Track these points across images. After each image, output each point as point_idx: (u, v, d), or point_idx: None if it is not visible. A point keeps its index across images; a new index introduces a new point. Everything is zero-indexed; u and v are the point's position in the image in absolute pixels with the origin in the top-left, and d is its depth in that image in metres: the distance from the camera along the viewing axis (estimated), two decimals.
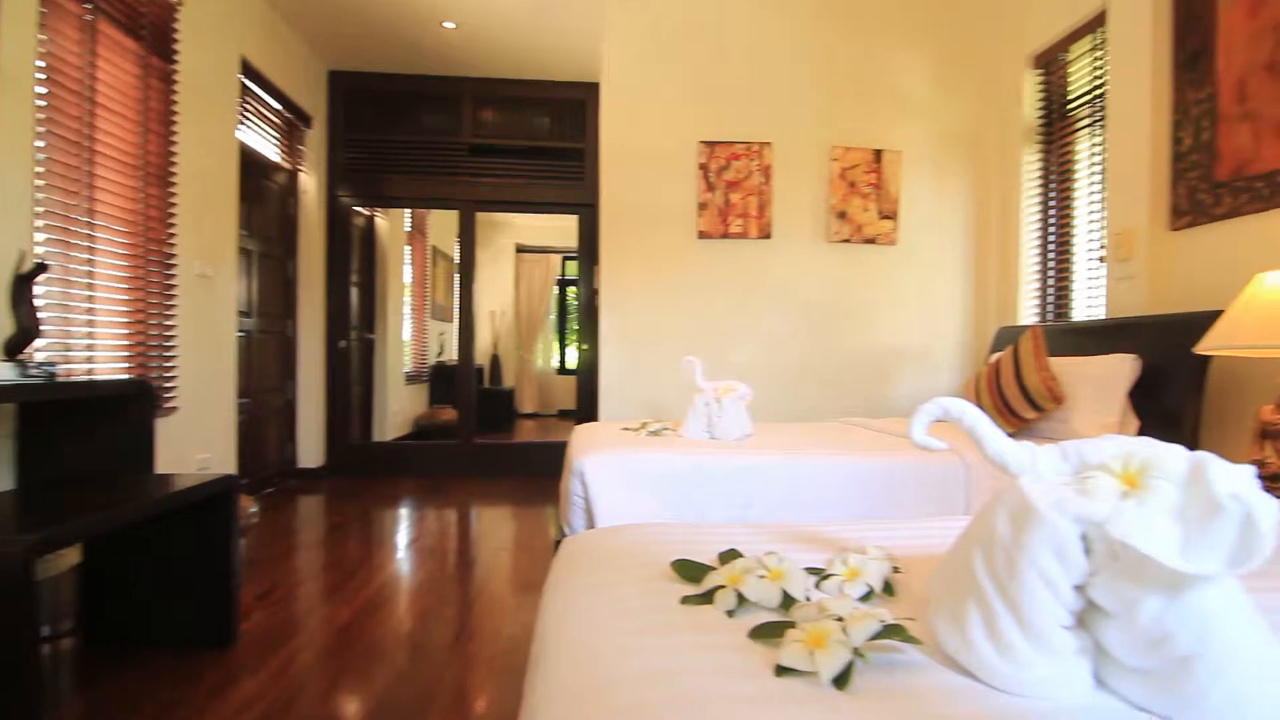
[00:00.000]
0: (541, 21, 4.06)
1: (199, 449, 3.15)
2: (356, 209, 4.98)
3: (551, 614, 0.96)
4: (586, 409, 4.78)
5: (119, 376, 2.58)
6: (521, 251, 8.25)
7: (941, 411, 0.83)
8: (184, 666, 1.83)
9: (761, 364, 3.83)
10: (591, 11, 3.90)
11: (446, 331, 7.37)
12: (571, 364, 8.51)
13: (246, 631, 2.07)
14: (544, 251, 8.21)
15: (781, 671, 0.69)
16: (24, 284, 2.00)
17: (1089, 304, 3.20)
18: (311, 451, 4.61)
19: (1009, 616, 0.67)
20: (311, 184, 4.54)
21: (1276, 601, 0.87)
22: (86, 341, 2.45)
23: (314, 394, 4.62)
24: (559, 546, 1.30)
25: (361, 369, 5.26)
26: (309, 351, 4.59)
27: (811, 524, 1.33)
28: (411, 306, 6.51)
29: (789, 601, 0.86)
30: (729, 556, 0.99)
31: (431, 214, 6.84)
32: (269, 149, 4.08)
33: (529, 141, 4.90)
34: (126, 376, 2.61)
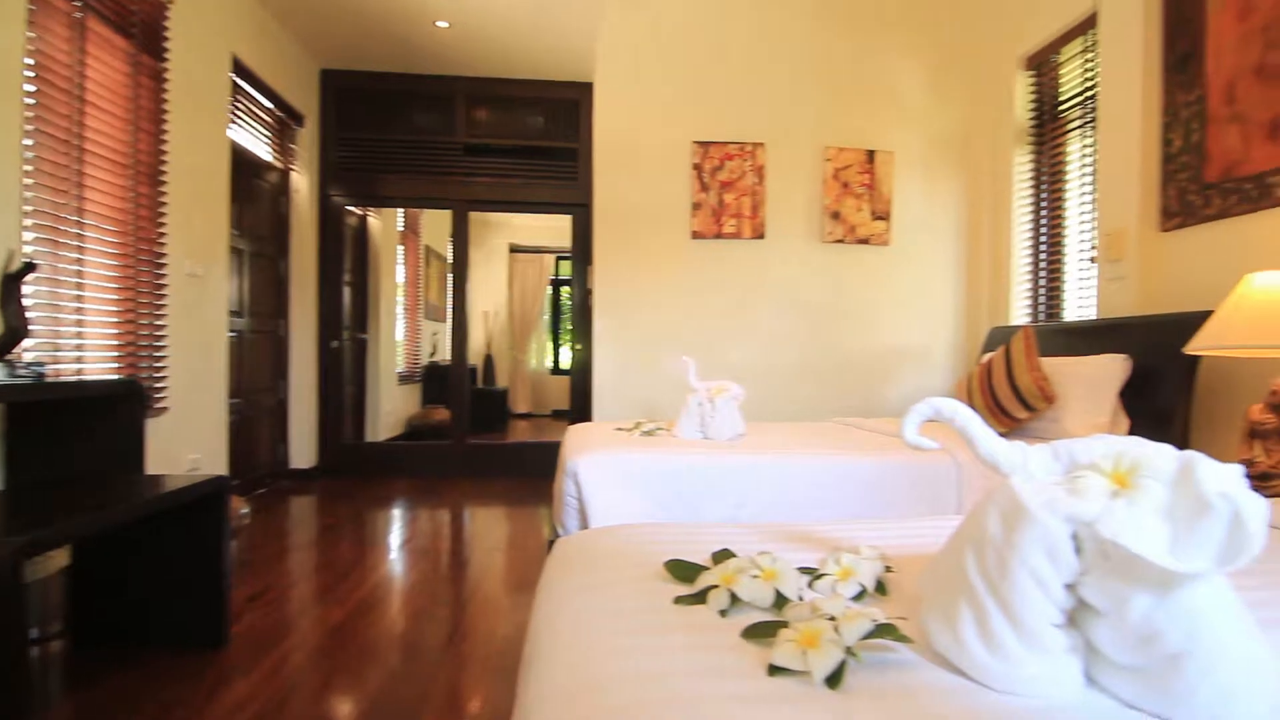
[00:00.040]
0: (535, 21, 4.05)
1: (190, 450, 3.13)
2: (349, 208, 4.96)
3: (544, 614, 0.96)
4: (580, 409, 4.77)
5: (108, 377, 2.56)
6: (515, 251, 8.24)
7: (933, 411, 0.84)
8: (175, 668, 1.82)
9: (755, 364, 3.84)
10: (586, 11, 3.89)
11: (440, 331, 7.35)
12: (565, 364, 8.51)
13: (238, 633, 2.06)
14: (538, 251, 8.20)
15: (774, 671, 0.69)
16: (12, 283, 1.98)
17: (1080, 304, 3.23)
18: (304, 452, 4.59)
19: (1000, 615, 0.67)
20: (304, 183, 4.52)
21: (1264, 598, 0.88)
22: (76, 341, 2.43)
23: (306, 394, 4.60)
24: (552, 547, 1.30)
25: (354, 369, 5.24)
26: (301, 351, 4.57)
27: (804, 523, 1.34)
28: (404, 306, 6.49)
29: (782, 601, 0.86)
30: (722, 556, 1.00)
31: (425, 213, 6.82)
32: (261, 148, 4.06)
33: (523, 141, 4.89)
34: (116, 377, 2.59)
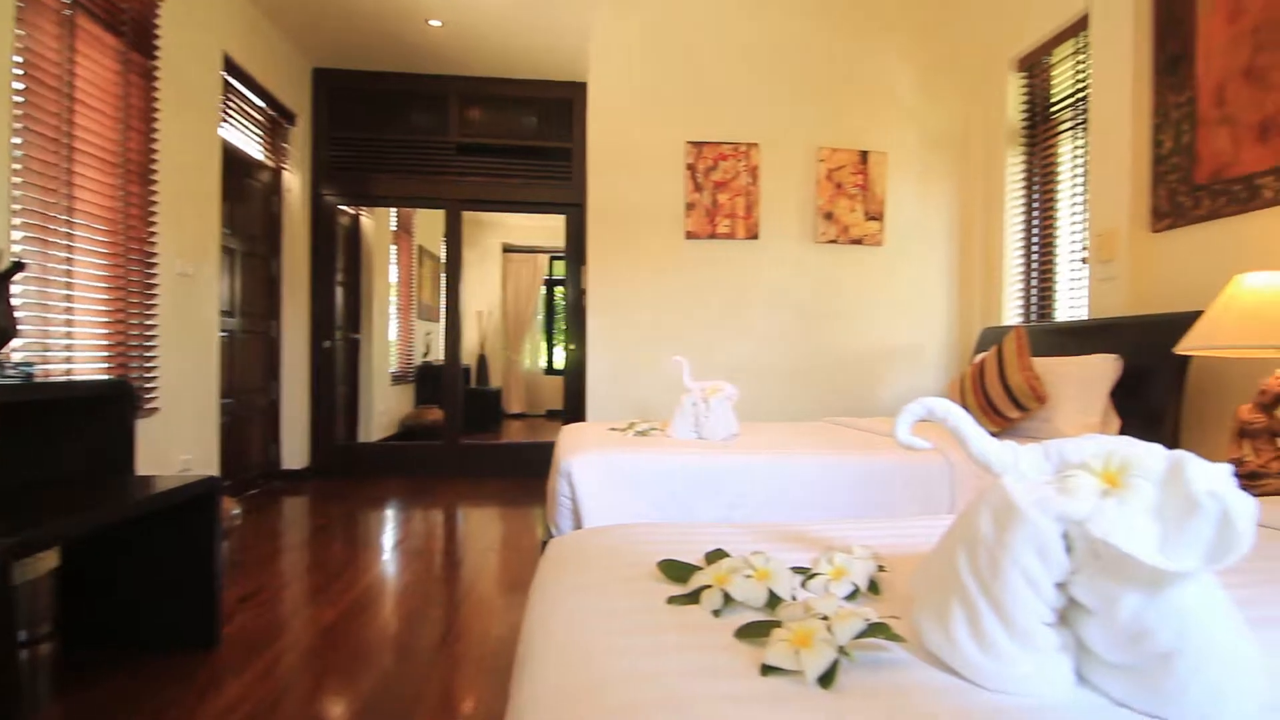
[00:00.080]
0: (529, 20, 4.05)
1: (181, 450, 3.11)
2: (341, 208, 4.95)
3: (538, 614, 0.96)
4: (574, 409, 4.77)
5: (98, 377, 2.54)
6: (509, 251, 8.22)
7: (925, 411, 0.84)
8: (166, 670, 1.81)
9: (749, 364, 3.84)
10: (579, 11, 3.89)
11: (433, 331, 7.33)
12: (559, 364, 8.50)
13: (230, 634, 2.05)
14: (531, 251, 8.19)
15: (767, 671, 0.69)
16: (1, 283, 1.96)
17: (1072, 305, 3.24)
18: (296, 452, 4.56)
19: (992, 614, 0.68)
20: (296, 182, 4.50)
21: (1253, 596, 0.88)
22: (65, 341, 2.42)
23: (298, 394, 4.58)
24: (546, 547, 1.30)
25: (347, 369, 5.22)
26: (293, 351, 4.54)
27: (798, 523, 1.34)
28: (397, 306, 6.46)
29: (775, 601, 0.86)
30: (715, 556, 1.00)
31: (418, 213, 6.80)
32: (252, 147, 4.04)
33: (516, 141, 4.88)
34: (106, 377, 2.58)
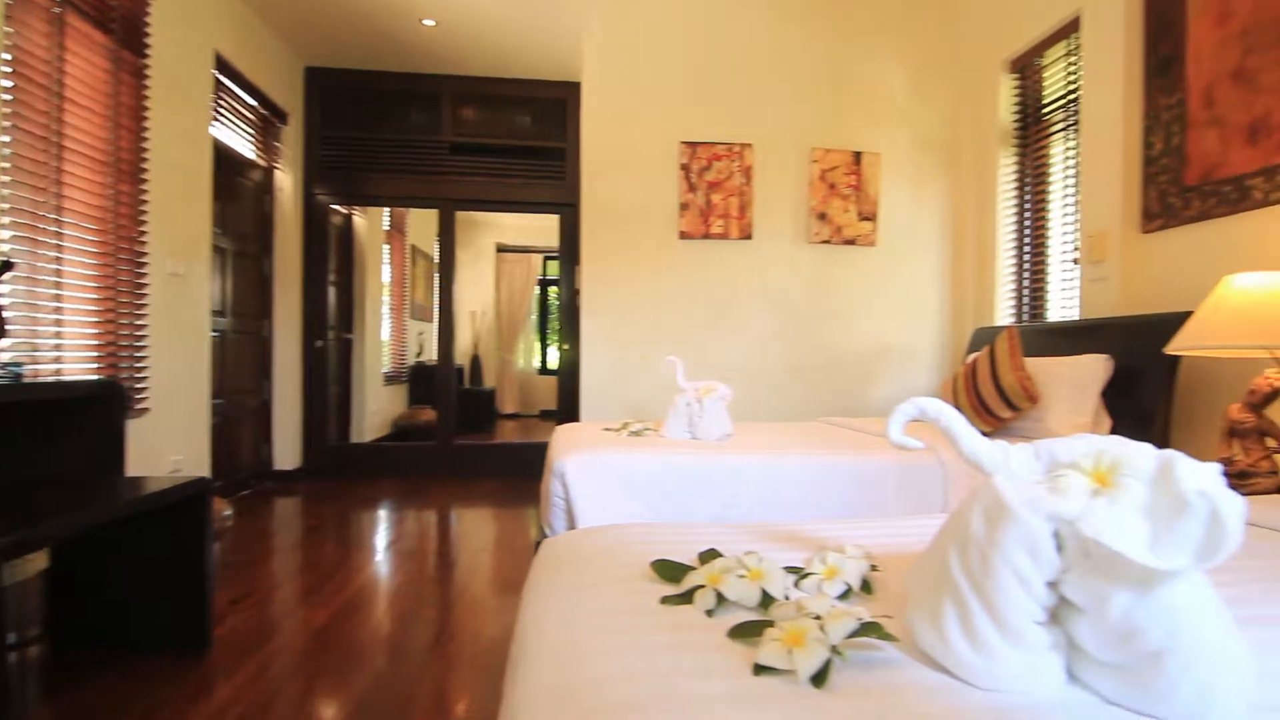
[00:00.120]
0: (522, 20, 4.04)
1: (171, 451, 3.09)
2: (334, 207, 4.92)
3: (531, 614, 0.96)
4: (568, 409, 4.76)
5: (88, 377, 2.53)
6: (502, 251, 8.20)
7: (918, 411, 0.84)
8: (157, 672, 1.80)
9: (742, 364, 3.84)
10: (573, 10, 3.89)
11: (426, 331, 7.30)
12: (553, 364, 8.48)
13: (221, 636, 2.04)
14: (525, 251, 8.17)
15: (760, 670, 0.70)
16: None
17: (1063, 305, 3.26)
18: (288, 453, 4.54)
19: (983, 613, 0.68)
20: (288, 182, 4.48)
21: (1241, 595, 0.89)
22: (54, 341, 2.40)
23: (290, 395, 4.56)
24: (539, 547, 1.29)
25: (339, 369, 5.20)
26: (285, 351, 4.52)
27: (791, 523, 1.34)
28: (390, 306, 6.44)
29: (768, 600, 0.87)
30: (709, 556, 1.00)
31: (411, 213, 6.78)
32: (244, 146, 4.02)
33: (510, 140, 4.88)
34: (96, 377, 2.56)
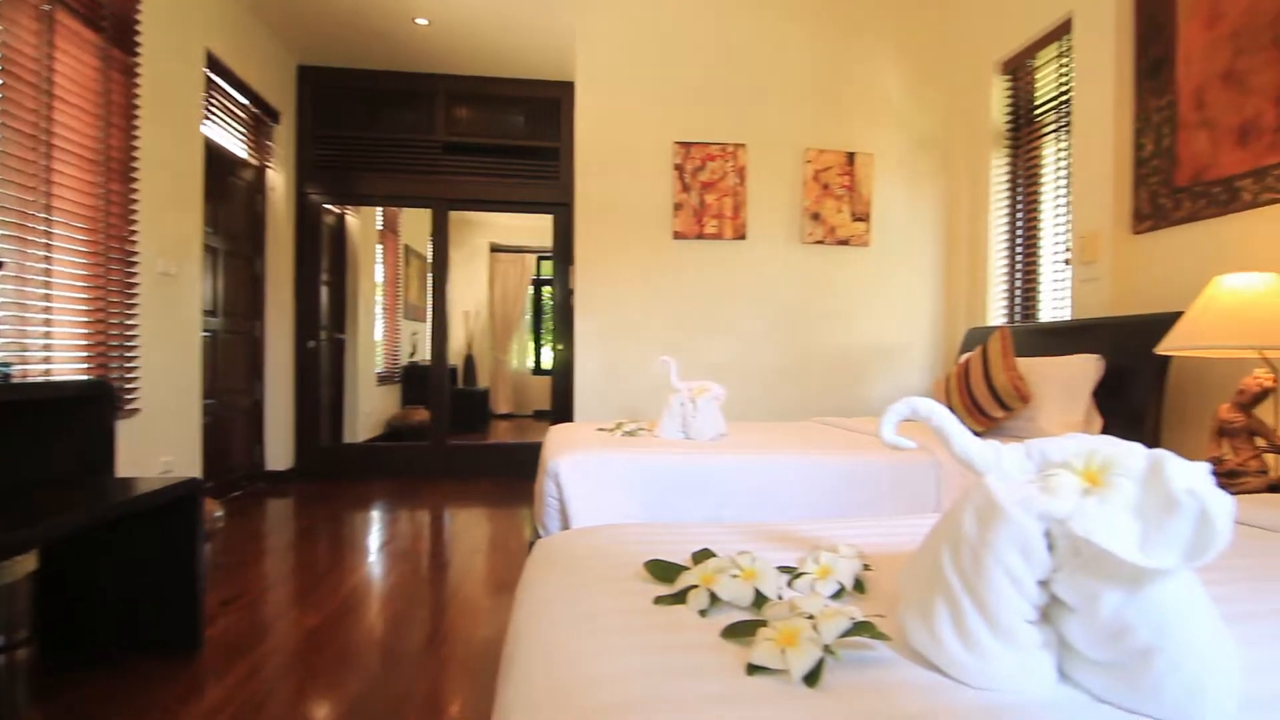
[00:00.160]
0: (516, 19, 4.04)
1: (162, 452, 3.07)
2: (327, 207, 4.90)
3: (524, 615, 0.96)
4: (562, 409, 4.76)
5: (78, 377, 2.51)
6: (496, 251, 8.19)
7: (910, 411, 0.84)
8: (147, 674, 1.79)
9: (736, 364, 3.85)
10: (566, 10, 3.88)
11: (419, 331, 7.29)
12: (547, 364, 8.47)
13: (212, 637, 2.02)
14: (519, 251, 8.16)
15: (753, 670, 0.70)
16: None
17: (1055, 305, 3.28)
18: (280, 454, 4.52)
19: (975, 612, 0.68)
20: (280, 181, 4.46)
21: (1230, 593, 0.89)
22: (44, 341, 2.38)
23: (282, 395, 4.54)
24: (533, 548, 1.29)
25: (332, 369, 5.18)
26: (277, 352, 4.50)
27: (785, 523, 1.34)
28: (383, 306, 6.42)
29: (761, 600, 0.87)
30: (702, 556, 1.00)
31: (404, 212, 6.76)
32: (235, 145, 4.00)
33: (503, 140, 4.87)
34: (85, 377, 2.54)
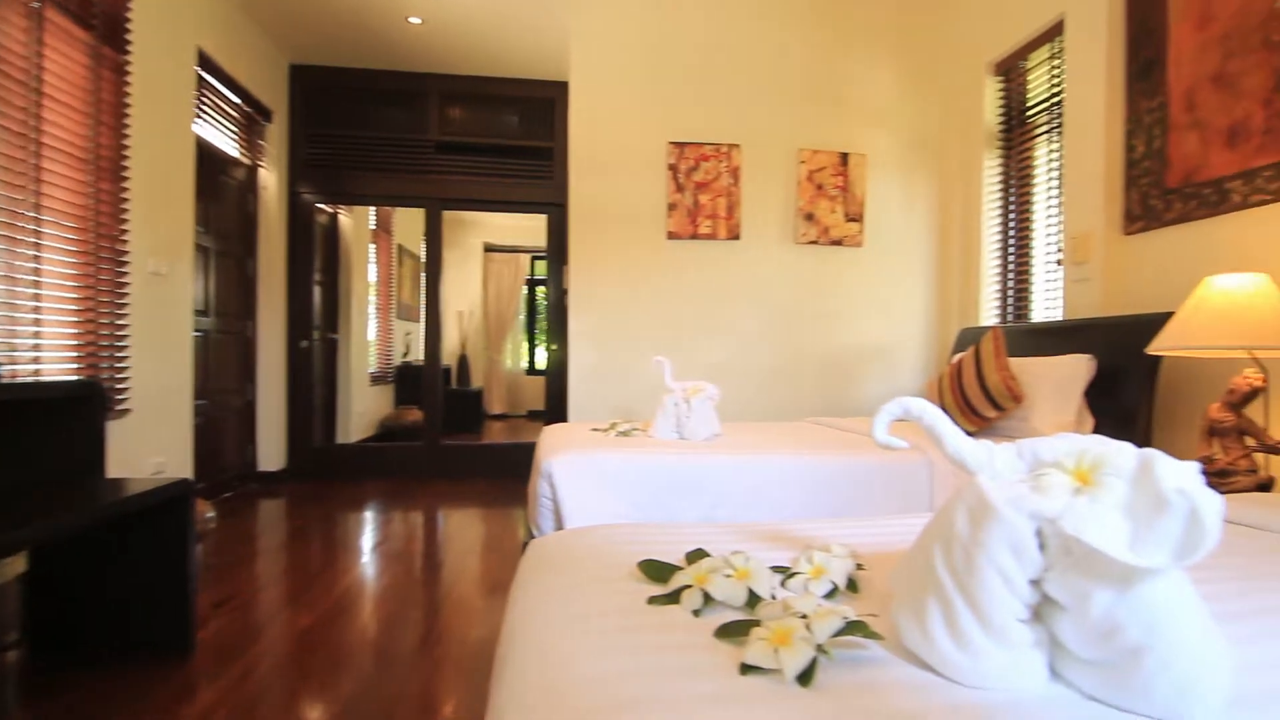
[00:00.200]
0: (509, 19, 4.03)
1: (153, 452, 3.05)
2: (319, 206, 4.88)
3: (518, 615, 0.95)
4: (555, 410, 4.75)
5: (68, 378, 2.49)
6: (490, 251, 8.17)
7: (903, 411, 0.85)
8: (139, 677, 1.78)
9: (730, 364, 3.85)
10: (560, 9, 3.88)
11: (413, 331, 7.26)
12: (541, 364, 8.46)
13: (204, 639, 2.01)
14: (513, 251, 8.14)
15: (746, 670, 0.70)
16: None
17: (1047, 305, 3.29)
18: (272, 454, 4.50)
19: (967, 611, 0.68)
20: (272, 180, 4.44)
21: (1219, 592, 0.90)
22: (33, 341, 2.36)
23: (275, 395, 4.52)
24: (527, 548, 1.29)
25: (324, 370, 5.16)
26: (269, 352, 4.48)
27: (778, 522, 1.34)
28: (376, 306, 6.40)
29: (754, 600, 0.87)
30: (696, 556, 1.00)
31: (397, 212, 6.74)
32: (227, 144, 3.98)
33: (497, 140, 4.86)
34: (76, 378, 2.52)
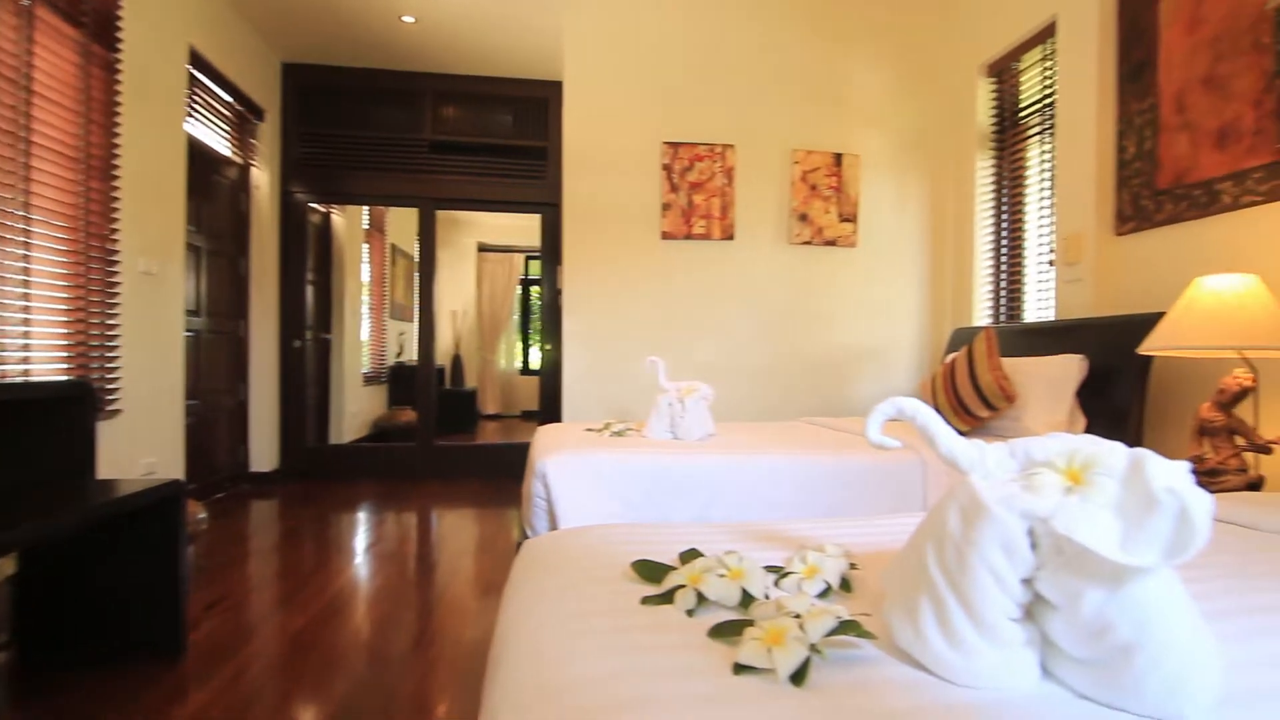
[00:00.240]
0: (503, 18, 4.02)
1: (145, 453, 3.03)
2: (312, 205, 4.86)
3: (512, 616, 0.95)
4: (550, 410, 4.75)
5: (58, 378, 2.47)
6: (484, 250, 8.15)
7: (896, 411, 0.85)
8: (130, 679, 1.76)
9: (724, 364, 3.85)
10: (554, 9, 3.87)
11: (406, 331, 7.24)
12: (535, 364, 8.45)
13: (196, 641, 2.00)
14: (507, 251, 8.13)
15: (740, 669, 0.70)
16: None
17: (1039, 306, 3.31)
18: (265, 455, 4.48)
19: (960, 610, 0.69)
20: (264, 179, 4.42)
21: (1209, 590, 0.91)
22: (22, 341, 2.34)
23: (267, 395, 4.49)
24: (521, 548, 1.29)
25: (317, 369, 5.14)
26: (262, 352, 4.46)
27: (772, 522, 1.35)
28: (370, 306, 6.38)
29: (748, 600, 0.87)
30: (689, 556, 1.00)
31: (391, 211, 6.71)
32: (219, 142, 3.96)
33: (491, 139, 4.85)
34: (66, 378, 2.50)
